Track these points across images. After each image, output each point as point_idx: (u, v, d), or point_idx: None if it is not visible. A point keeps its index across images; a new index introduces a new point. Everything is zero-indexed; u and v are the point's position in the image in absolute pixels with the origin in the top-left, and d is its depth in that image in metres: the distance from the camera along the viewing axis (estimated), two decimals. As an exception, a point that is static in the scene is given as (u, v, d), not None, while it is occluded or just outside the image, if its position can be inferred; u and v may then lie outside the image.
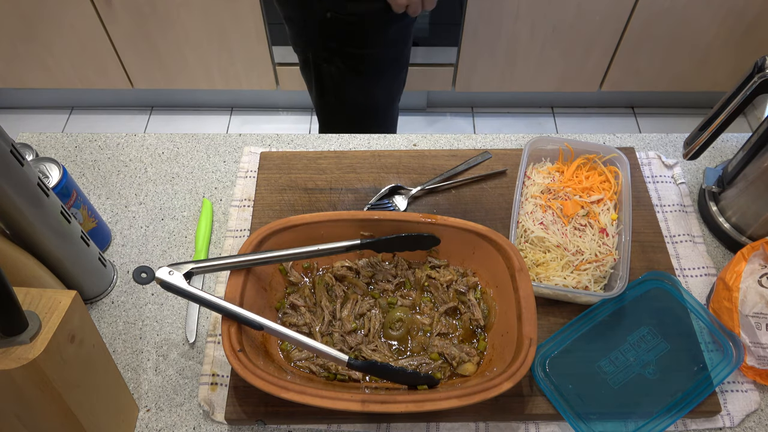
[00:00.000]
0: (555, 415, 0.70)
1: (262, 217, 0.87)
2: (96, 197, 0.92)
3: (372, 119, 1.30)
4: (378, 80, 1.21)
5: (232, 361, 0.63)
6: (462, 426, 0.71)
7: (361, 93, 1.23)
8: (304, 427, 0.71)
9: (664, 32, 2.02)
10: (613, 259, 0.79)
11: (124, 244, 0.87)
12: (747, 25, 2.01)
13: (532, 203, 0.85)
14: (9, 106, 2.40)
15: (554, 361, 0.73)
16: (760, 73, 0.75)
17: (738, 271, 0.75)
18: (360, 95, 1.24)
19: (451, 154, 0.95)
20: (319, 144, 0.99)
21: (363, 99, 1.25)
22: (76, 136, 1.00)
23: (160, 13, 1.91)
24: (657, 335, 0.75)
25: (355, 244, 0.72)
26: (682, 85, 2.23)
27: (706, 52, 2.10)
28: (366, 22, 1.08)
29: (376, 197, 0.89)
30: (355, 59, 1.14)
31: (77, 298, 0.56)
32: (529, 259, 0.80)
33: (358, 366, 0.65)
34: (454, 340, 0.73)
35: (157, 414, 0.72)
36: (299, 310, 0.75)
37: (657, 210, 0.90)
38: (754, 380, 0.73)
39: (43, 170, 0.77)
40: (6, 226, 0.68)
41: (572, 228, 0.83)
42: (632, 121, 2.40)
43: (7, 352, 0.51)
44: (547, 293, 0.77)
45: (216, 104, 2.35)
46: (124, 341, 0.78)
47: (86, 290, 0.79)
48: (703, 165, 0.97)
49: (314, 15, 1.07)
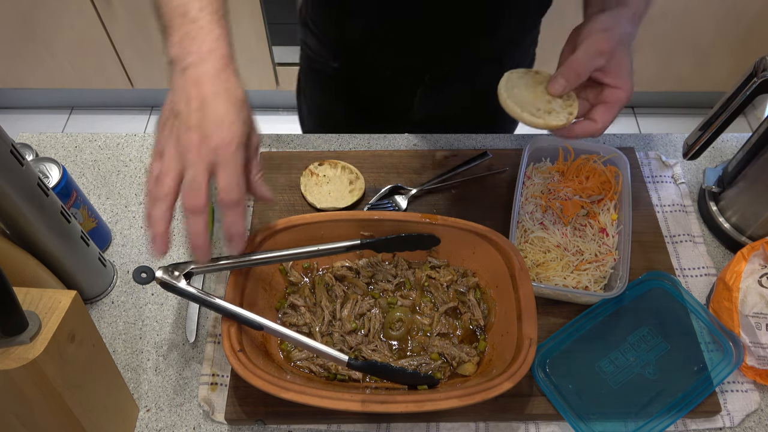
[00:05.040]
0: (555, 415, 0.70)
1: (262, 217, 0.87)
2: (96, 197, 0.92)
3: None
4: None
5: (232, 361, 0.63)
6: (462, 426, 0.71)
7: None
8: (304, 427, 0.71)
9: (664, 32, 2.02)
10: (613, 259, 0.79)
11: (124, 244, 0.87)
12: (747, 25, 2.02)
13: (532, 203, 0.85)
14: (9, 106, 2.40)
15: (554, 361, 0.73)
16: (760, 73, 0.75)
17: (738, 271, 0.75)
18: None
19: (451, 154, 0.95)
20: (319, 144, 0.99)
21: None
22: (76, 136, 1.00)
23: None
24: (657, 335, 0.75)
25: (356, 244, 0.72)
26: (682, 85, 2.23)
27: (706, 52, 2.10)
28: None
29: (376, 197, 0.89)
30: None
31: (77, 298, 0.56)
32: (529, 259, 0.80)
33: (357, 366, 0.65)
34: (454, 340, 0.73)
35: (157, 414, 0.72)
36: (299, 310, 0.75)
37: (657, 210, 0.90)
38: (754, 380, 0.73)
39: (43, 170, 0.77)
40: (6, 226, 0.68)
41: (572, 228, 0.83)
42: (632, 121, 2.41)
43: (7, 352, 0.51)
44: (547, 293, 0.77)
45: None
46: (124, 341, 0.78)
47: (86, 290, 0.79)
48: (703, 165, 0.97)
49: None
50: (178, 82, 0.59)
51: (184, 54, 0.59)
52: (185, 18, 0.59)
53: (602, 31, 0.64)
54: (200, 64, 0.58)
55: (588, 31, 0.65)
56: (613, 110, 0.66)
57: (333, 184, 0.90)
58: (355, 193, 0.89)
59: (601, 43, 0.63)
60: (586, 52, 0.63)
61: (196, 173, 0.56)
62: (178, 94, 0.58)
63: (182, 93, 0.58)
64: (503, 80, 0.64)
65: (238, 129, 0.58)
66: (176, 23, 0.60)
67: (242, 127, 0.59)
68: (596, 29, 0.64)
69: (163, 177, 0.57)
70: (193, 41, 0.59)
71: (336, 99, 1.10)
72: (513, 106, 0.62)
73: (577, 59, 0.64)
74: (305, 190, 0.89)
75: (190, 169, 0.57)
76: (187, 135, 0.57)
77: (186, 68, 0.59)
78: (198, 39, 0.59)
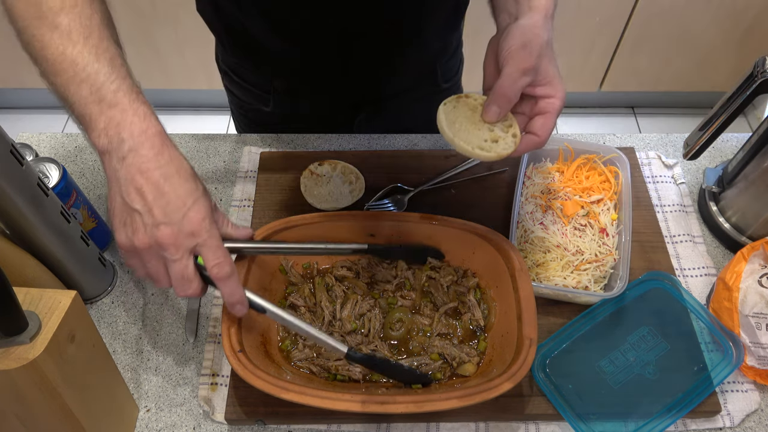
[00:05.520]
0: (555, 415, 0.70)
1: (262, 217, 0.87)
2: (96, 197, 0.92)
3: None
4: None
5: (232, 361, 0.63)
6: (462, 426, 0.71)
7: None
8: (304, 427, 0.71)
9: (664, 32, 2.02)
10: (613, 259, 0.79)
11: (124, 244, 0.87)
12: (747, 25, 2.02)
13: (532, 203, 0.85)
14: (9, 106, 2.40)
15: (554, 361, 0.73)
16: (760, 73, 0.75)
17: (738, 271, 0.75)
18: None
19: (451, 154, 0.95)
20: (319, 144, 0.99)
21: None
22: (76, 136, 1.00)
23: (160, 13, 1.91)
24: (657, 335, 0.75)
25: (362, 249, 0.73)
26: (682, 85, 2.24)
27: (706, 52, 2.10)
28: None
29: (376, 197, 0.89)
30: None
31: (77, 298, 0.56)
32: (529, 259, 0.80)
33: (356, 358, 0.65)
34: (454, 341, 0.73)
35: (157, 414, 0.72)
36: (299, 310, 0.75)
37: (657, 210, 0.90)
38: (754, 380, 0.73)
39: (43, 170, 0.77)
40: (6, 226, 0.68)
41: (572, 228, 0.83)
42: (632, 121, 2.41)
43: (7, 352, 0.51)
44: (547, 293, 0.77)
45: (216, 104, 2.35)
46: (124, 341, 0.78)
47: (86, 290, 0.79)
48: (703, 165, 0.97)
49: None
50: (121, 174, 0.55)
51: (117, 142, 0.55)
52: (102, 104, 0.55)
53: (521, 48, 0.61)
54: (138, 149, 0.55)
55: (507, 50, 0.62)
56: (551, 119, 0.64)
57: (333, 184, 0.90)
58: (355, 193, 0.89)
59: (524, 62, 0.60)
60: (510, 76, 0.61)
61: (183, 267, 0.57)
62: (126, 187, 0.55)
63: (131, 186, 0.55)
64: (441, 117, 0.63)
65: (205, 203, 0.58)
66: (94, 112, 0.55)
67: (205, 200, 0.58)
68: (515, 47, 0.61)
69: (159, 283, 0.58)
70: (120, 127, 0.55)
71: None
72: (462, 144, 0.61)
73: (504, 85, 0.61)
74: (305, 190, 0.89)
75: (175, 264, 0.56)
76: (159, 231, 0.55)
77: (124, 158, 0.55)
78: (125, 123, 0.55)
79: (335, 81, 0.97)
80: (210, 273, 0.58)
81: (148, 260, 0.57)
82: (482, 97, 0.66)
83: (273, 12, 0.83)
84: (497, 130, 0.63)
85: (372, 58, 0.91)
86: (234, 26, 0.89)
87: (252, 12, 0.84)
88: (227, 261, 0.58)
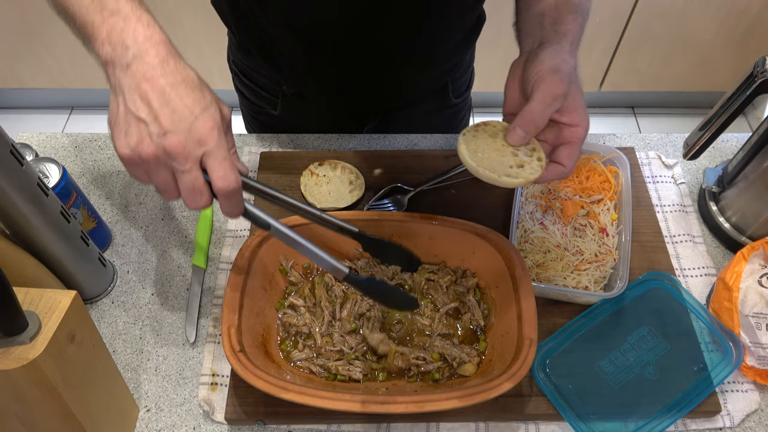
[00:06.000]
0: (555, 415, 0.70)
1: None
2: (96, 197, 0.92)
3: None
4: None
5: (232, 361, 0.63)
6: (462, 426, 0.71)
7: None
8: (304, 427, 0.71)
9: (664, 32, 2.02)
10: (613, 259, 0.79)
11: (124, 244, 0.87)
12: (747, 25, 2.02)
13: (532, 203, 0.85)
14: (9, 106, 2.40)
15: (554, 361, 0.73)
16: (760, 73, 0.75)
17: (738, 271, 0.75)
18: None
19: (452, 154, 0.95)
20: (319, 144, 0.99)
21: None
22: (76, 136, 1.00)
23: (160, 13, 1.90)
24: (657, 335, 0.75)
25: (353, 230, 0.68)
26: (682, 85, 2.24)
27: (706, 52, 2.10)
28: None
29: (376, 197, 0.89)
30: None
31: (77, 298, 0.56)
32: (529, 259, 0.80)
33: (358, 280, 0.62)
34: (454, 341, 0.73)
35: (157, 414, 0.72)
36: (299, 310, 0.75)
37: (657, 210, 0.90)
38: (754, 380, 0.73)
39: (43, 170, 0.77)
40: (6, 226, 0.68)
41: (572, 228, 0.83)
42: (632, 121, 2.41)
43: (7, 352, 0.51)
44: (547, 293, 0.77)
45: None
46: (124, 341, 0.78)
47: (86, 290, 0.79)
48: (703, 165, 0.97)
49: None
50: (125, 82, 0.53)
51: (121, 50, 0.53)
52: (104, 12, 0.54)
53: (552, 72, 0.60)
54: (143, 57, 0.53)
55: (537, 73, 0.61)
56: (576, 149, 0.63)
57: (333, 184, 0.90)
58: (355, 193, 0.89)
59: (555, 88, 0.59)
60: (541, 101, 0.60)
61: (193, 179, 0.53)
62: (130, 95, 0.53)
63: (135, 93, 0.52)
64: (462, 148, 0.62)
65: (214, 112, 0.55)
66: (96, 20, 0.54)
67: (215, 108, 0.55)
68: (545, 71, 0.60)
69: (167, 194, 0.55)
70: (123, 34, 0.53)
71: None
72: (487, 173, 0.60)
73: (534, 110, 0.60)
74: (305, 190, 0.89)
75: (185, 175, 0.53)
76: (167, 140, 0.52)
77: (128, 65, 0.53)
78: (128, 30, 0.53)
79: (344, 90, 0.97)
80: (214, 186, 0.54)
81: (155, 171, 0.54)
82: (501, 123, 0.65)
83: (289, 12, 0.82)
84: (521, 154, 0.62)
85: (383, 71, 0.91)
86: (248, 18, 0.89)
87: (272, 14, 0.84)
88: (235, 175, 0.54)
